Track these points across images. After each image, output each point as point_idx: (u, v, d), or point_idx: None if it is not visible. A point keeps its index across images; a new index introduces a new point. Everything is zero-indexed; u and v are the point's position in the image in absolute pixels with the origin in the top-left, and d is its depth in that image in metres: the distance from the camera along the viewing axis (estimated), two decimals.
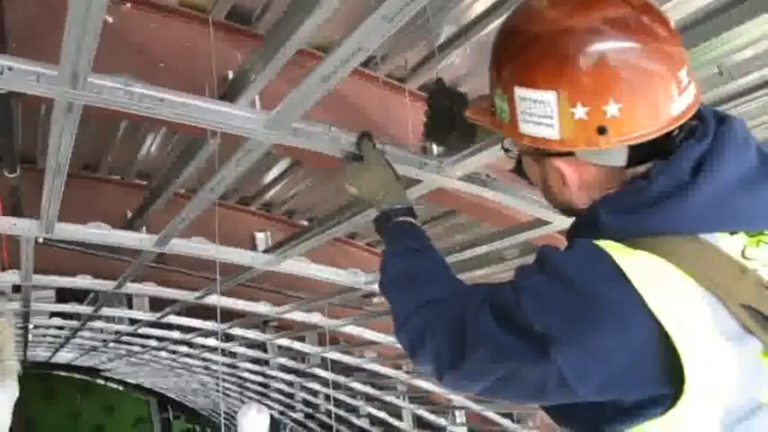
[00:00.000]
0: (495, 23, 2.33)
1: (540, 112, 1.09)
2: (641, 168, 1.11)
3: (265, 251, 3.78)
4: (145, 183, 4.45)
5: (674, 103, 1.06)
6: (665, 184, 1.05)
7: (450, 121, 1.75)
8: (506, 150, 1.32)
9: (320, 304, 4.85)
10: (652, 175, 1.07)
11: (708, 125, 1.10)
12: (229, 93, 1.85)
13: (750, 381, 1.00)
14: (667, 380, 0.98)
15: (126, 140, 3.92)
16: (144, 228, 3.46)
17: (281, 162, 4.12)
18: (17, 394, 4.45)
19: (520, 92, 1.11)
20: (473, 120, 1.35)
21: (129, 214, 3.92)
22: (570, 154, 1.13)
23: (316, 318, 5.31)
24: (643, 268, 1.00)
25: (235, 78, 1.89)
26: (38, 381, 18.02)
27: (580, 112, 1.06)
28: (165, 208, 3.19)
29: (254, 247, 4.43)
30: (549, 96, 1.07)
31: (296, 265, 3.57)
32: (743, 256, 1.02)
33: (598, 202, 1.13)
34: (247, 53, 2.00)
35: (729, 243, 1.03)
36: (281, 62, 1.61)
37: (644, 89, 1.05)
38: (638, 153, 1.09)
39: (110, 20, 2.19)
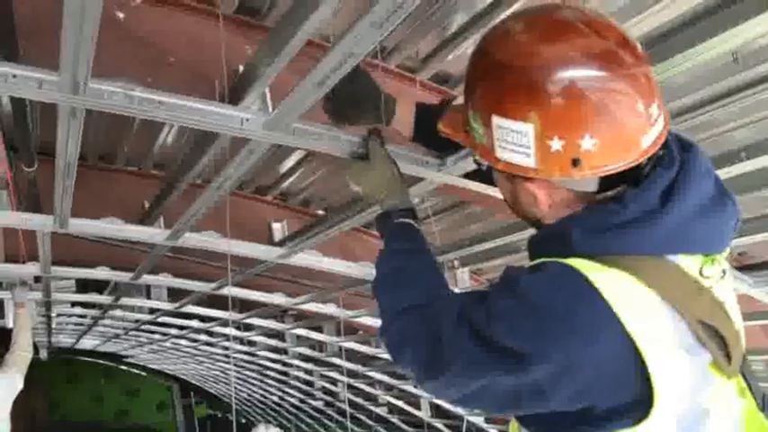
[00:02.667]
0: (507, 13, 2.30)
1: (518, 141, 1.11)
2: (610, 192, 1.14)
3: (278, 243, 3.79)
4: (162, 173, 4.48)
5: (646, 135, 1.09)
6: (636, 210, 1.09)
7: (357, 98, 1.72)
8: (478, 163, 1.33)
9: (335, 295, 4.87)
10: (625, 201, 1.10)
11: (672, 152, 1.14)
12: (239, 87, 1.86)
13: (699, 390, 1.08)
14: (636, 390, 1.03)
15: (142, 131, 3.94)
16: (161, 218, 3.49)
17: (297, 152, 4.13)
18: (20, 387, 4.50)
19: (498, 120, 1.12)
20: (446, 134, 1.35)
21: (147, 205, 3.94)
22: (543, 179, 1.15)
23: (331, 308, 5.33)
24: (614, 284, 1.05)
25: (244, 72, 1.89)
26: (62, 365, 18.34)
27: (556, 144, 1.08)
28: (181, 198, 3.21)
29: (270, 237, 4.45)
30: (527, 128, 1.09)
31: (307, 257, 3.58)
32: (700, 273, 1.10)
33: (565, 220, 1.15)
34: (257, 47, 2.00)
35: (689, 262, 1.10)
36: (288, 56, 1.61)
37: (616, 121, 1.06)
38: (608, 180, 1.12)
39: (120, 16, 2.20)
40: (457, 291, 1.59)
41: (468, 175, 1.99)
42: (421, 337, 1.23)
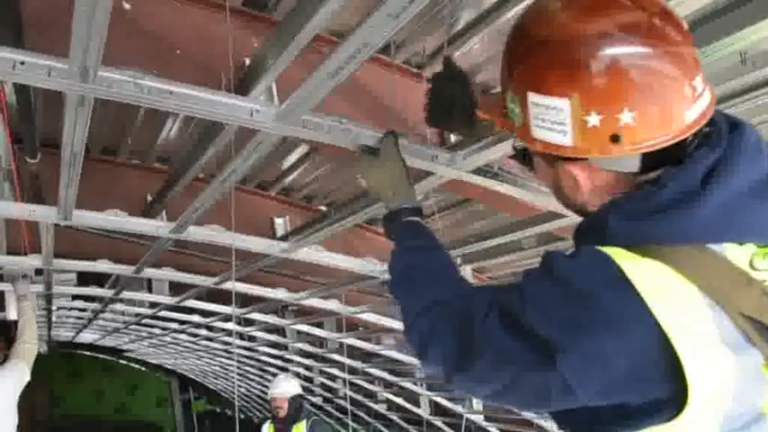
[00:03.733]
0: (514, 11, 2.30)
1: (554, 118, 1.08)
2: (653, 174, 1.09)
3: (282, 238, 3.78)
4: (165, 167, 4.47)
5: (689, 110, 1.04)
6: (673, 192, 1.03)
7: (451, 104, 1.70)
8: (518, 150, 1.29)
9: (337, 291, 4.87)
10: (661, 182, 1.05)
11: (721, 131, 1.08)
12: (246, 80, 1.85)
13: (750, 390, 0.99)
14: (670, 386, 0.97)
15: (146, 124, 3.93)
16: (164, 212, 3.48)
17: (300, 147, 4.12)
18: (27, 379, 4.51)
19: (533, 97, 1.09)
20: (484, 119, 1.32)
21: (150, 198, 3.94)
22: (583, 159, 1.11)
23: (333, 304, 5.33)
24: (647, 275, 0.99)
25: (251, 65, 1.89)
26: (62, 360, 18.34)
27: (594, 119, 1.04)
28: (185, 192, 3.20)
29: (273, 233, 4.45)
30: (563, 103, 1.06)
31: (311, 252, 3.58)
32: (751, 266, 1.01)
33: (607, 206, 1.11)
34: (264, 40, 1.99)
35: (736, 253, 1.01)
36: (295, 50, 1.60)
37: (658, 96, 1.03)
38: (651, 159, 1.07)
39: (127, 7, 2.19)
40: (482, 284, 1.56)
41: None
42: (448, 330, 1.20)
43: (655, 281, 0.99)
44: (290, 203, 4.78)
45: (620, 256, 1.01)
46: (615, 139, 1.04)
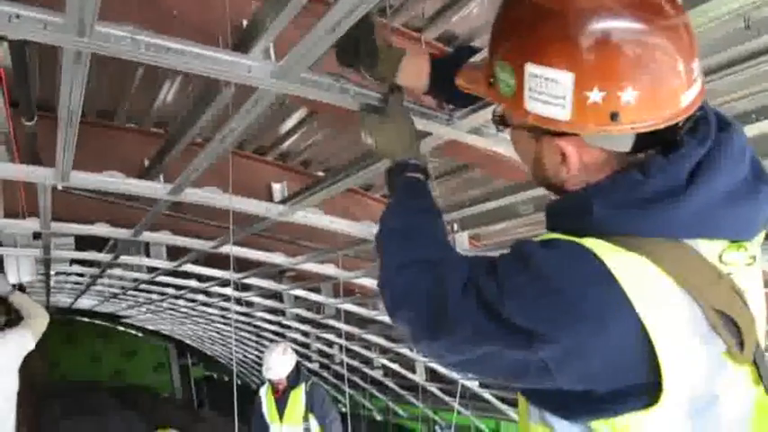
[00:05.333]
0: None
1: (552, 91, 1.06)
2: (640, 155, 1.10)
3: (280, 202, 3.79)
4: (162, 131, 4.46)
5: (685, 93, 1.05)
6: (660, 185, 1.05)
7: (356, 44, 1.68)
8: (498, 119, 1.27)
9: (334, 256, 4.89)
10: (650, 170, 1.06)
11: (710, 126, 1.10)
12: (243, 42, 1.84)
13: (712, 376, 1.05)
14: (646, 376, 1.01)
15: (143, 88, 3.91)
16: (161, 176, 3.48)
17: (298, 112, 4.11)
18: (30, 347, 4.60)
19: (532, 68, 1.07)
20: (465, 89, 1.29)
21: (147, 162, 3.94)
22: (575, 135, 1.10)
23: (330, 269, 5.35)
24: (631, 270, 1.01)
25: (248, 27, 1.88)
26: (61, 326, 18.47)
27: (596, 95, 1.03)
28: (182, 156, 3.20)
29: (270, 197, 4.46)
30: (565, 77, 1.04)
31: (309, 215, 3.58)
32: (720, 259, 1.06)
33: (590, 191, 1.11)
34: (261, 1, 1.98)
35: (708, 247, 1.05)
36: (293, 11, 1.60)
37: (660, 76, 1.03)
38: (644, 140, 1.08)
39: None
40: (464, 253, 1.55)
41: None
42: (426, 294, 1.19)
43: (637, 276, 1.01)
44: (288, 169, 4.78)
45: (603, 250, 1.03)
46: (614, 116, 1.03)
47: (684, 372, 1.01)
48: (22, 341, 4.55)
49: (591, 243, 1.04)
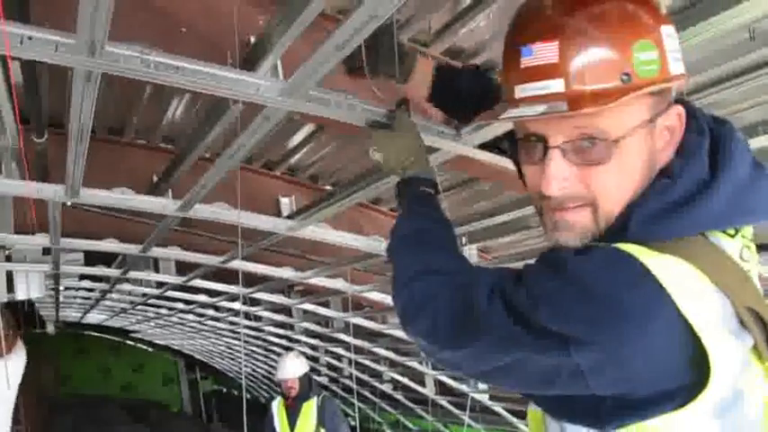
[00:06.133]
0: None
1: (676, 46, 1.08)
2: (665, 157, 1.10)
3: (288, 216, 3.80)
4: (171, 147, 4.48)
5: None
6: (688, 183, 1.05)
7: (377, 49, 1.69)
8: (591, 141, 1.07)
9: (343, 270, 4.88)
10: (675, 173, 1.06)
11: (699, 119, 1.11)
12: (251, 58, 1.85)
13: (739, 373, 1.03)
14: (685, 375, 0.99)
15: (151, 104, 3.94)
16: (170, 191, 3.50)
17: (306, 126, 4.12)
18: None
19: (667, 29, 1.06)
20: (602, 103, 1.04)
21: (155, 178, 3.95)
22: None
23: (339, 283, 5.35)
24: (669, 269, 0.99)
25: (256, 43, 1.89)
26: (70, 339, 18.53)
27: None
28: (190, 171, 3.21)
29: (278, 212, 4.46)
30: (671, 28, 1.07)
31: (317, 230, 3.59)
32: (741, 257, 1.06)
33: (629, 210, 1.07)
34: (270, 17, 1.99)
35: (730, 246, 1.05)
36: (301, 27, 1.61)
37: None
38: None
39: None
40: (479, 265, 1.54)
41: (483, 147, 1.98)
42: (445, 302, 1.16)
43: (675, 275, 0.99)
44: (296, 183, 4.79)
45: (642, 253, 1.00)
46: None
47: (723, 369, 0.99)
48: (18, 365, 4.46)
49: (628, 247, 1.02)
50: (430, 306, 1.19)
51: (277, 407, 5.77)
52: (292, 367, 5.63)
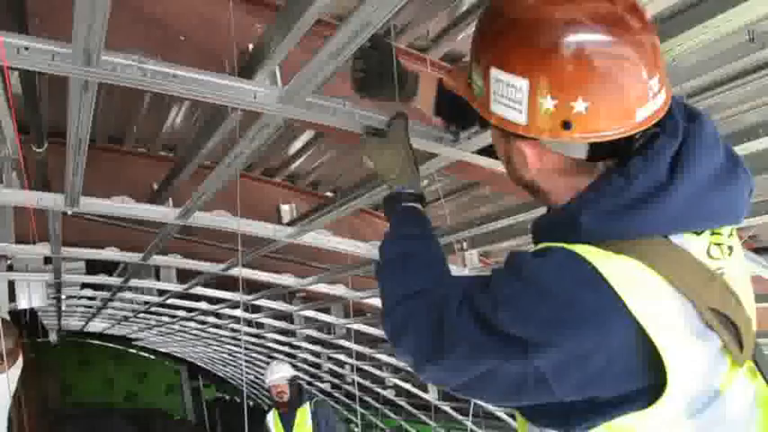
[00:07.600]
0: None
1: (512, 96, 1.10)
2: (609, 162, 1.13)
3: (288, 223, 3.79)
4: (170, 155, 4.49)
5: (642, 108, 1.06)
6: (645, 185, 1.06)
7: (380, 73, 1.70)
8: (481, 118, 1.28)
9: (344, 276, 4.88)
10: (631, 172, 1.08)
11: (677, 121, 1.11)
12: (249, 66, 1.85)
13: (711, 373, 1.05)
14: (645, 377, 1.02)
15: (151, 113, 3.95)
16: (170, 199, 3.50)
17: (306, 133, 4.13)
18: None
19: (495, 73, 1.11)
20: (450, 87, 1.37)
21: (155, 186, 3.96)
22: (534, 139, 1.13)
23: (340, 289, 5.35)
24: (621, 272, 1.02)
25: (254, 51, 1.89)
26: (73, 349, 18.48)
27: (548, 103, 1.06)
28: (190, 179, 3.21)
29: (279, 219, 4.46)
30: (522, 83, 1.08)
31: (317, 237, 3.58)
32: (708, 255, 1.07)
33: (575, 204, 1.13)
34: (267, 24, 1.99)
35: (696, 244, 1.07)
36: (298, 34, 1.60)
37: (614, 90, 1.05)
38: (600, 148, 1.10)
39: None
40: (461, 275, 1.56)
41: (481, 152, 1.98)
42: (424, 321, 1.21)
43: (629, 277, 1.02)
44: (297, 190, 4.79)
45: (592, 254, 1.04)
46: (566, 125, 1.06)
47: (684, 369, 1.02)
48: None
49: (581, 249, 1.05)
50: (411, 325, 1.24)
51: (272, 419, 5.79)
52: (280, 371, 5.73)
